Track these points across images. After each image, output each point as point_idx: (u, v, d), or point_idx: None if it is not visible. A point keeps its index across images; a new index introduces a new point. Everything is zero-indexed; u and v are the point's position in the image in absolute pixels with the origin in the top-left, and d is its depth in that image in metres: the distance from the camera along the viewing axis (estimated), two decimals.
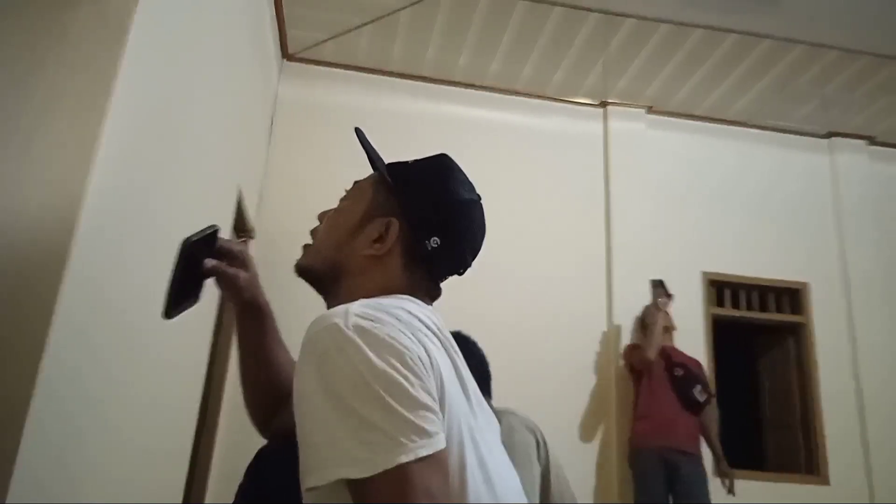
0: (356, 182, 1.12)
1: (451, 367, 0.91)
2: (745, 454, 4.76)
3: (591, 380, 4.42)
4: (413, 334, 0.85)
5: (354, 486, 0.75)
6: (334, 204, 1.12)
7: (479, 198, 1.08)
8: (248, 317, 1.16)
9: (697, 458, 3.87)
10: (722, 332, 4.71)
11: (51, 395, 1.42)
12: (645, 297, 4.36)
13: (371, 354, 0.79)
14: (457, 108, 4.88)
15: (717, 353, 4.61)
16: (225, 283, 1.12)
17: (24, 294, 1.39)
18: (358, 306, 0.85)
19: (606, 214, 4.79)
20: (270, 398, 1.18)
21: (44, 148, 1.48)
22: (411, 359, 0.81)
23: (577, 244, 4.70)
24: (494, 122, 4.89)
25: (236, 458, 1.58)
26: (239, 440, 1.25)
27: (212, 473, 3.76)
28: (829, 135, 5.24)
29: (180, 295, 1.02)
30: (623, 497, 4.11)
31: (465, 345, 1.99)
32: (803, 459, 4.60)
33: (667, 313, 4.22)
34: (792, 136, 5.25)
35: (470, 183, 1.08)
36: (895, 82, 4.58)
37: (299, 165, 4.52)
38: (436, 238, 1.01)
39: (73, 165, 1.50)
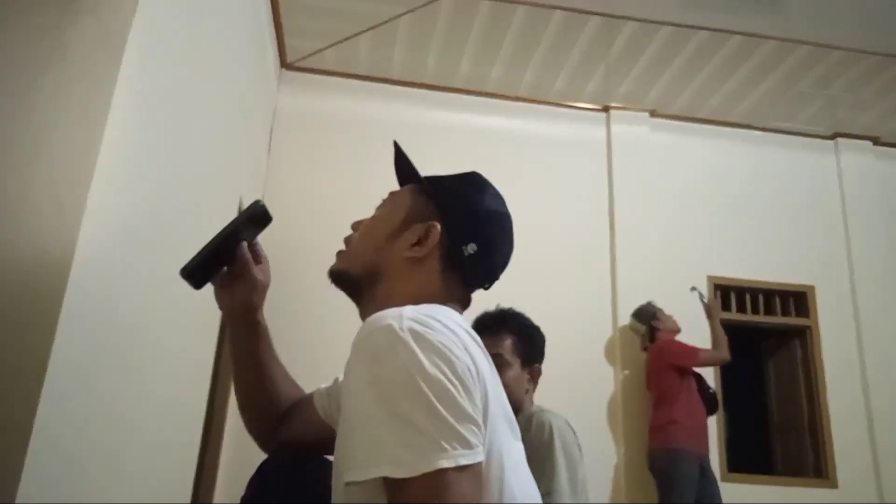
0: (392, 192, 1.15)
1: (495, 381, 0.91)
2: (753, 458, 4.74)
3: (596, 384, 4.39)
4: (464, 345, 0.86)
5: (391, 484, 0.76)
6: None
7: (510, 214, 1.12)
8: (246, 332, 1.16)
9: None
10: (728, 336, 4.66)
11: (58, 399, 1.42)
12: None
13: (423, 358, 0.79)
14: (458, 115, 4.86)
15: None
16: (243, 281, 1.12)
17: (30, 301, 1.40)
18: (411, 311, 0.86)
19: (610, 219, 4.77)
20: (270, 414, 1.17)
21: (44, 162, 1.48)
22: (461, 369, 0.81)
23: (581, 249, 4.68)
24: (496, 129, 4.88)
25: (244, 461, 1.58)
26: (247, 442, 1.24)
27: (220, 475, 3.76)
28: (835, 135, 5.21)
29: (211, 264, 1.02)
30: (631, 499, 4.09)
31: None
32: (811, 463, 4.56)
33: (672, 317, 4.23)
34: (797, 137, 5.22)
35: (502, 198, 1.13)
36: None
37: (299, 174, 4.51)
38: (473, 245, 1.04)
39: (73, 179, 1.49)
